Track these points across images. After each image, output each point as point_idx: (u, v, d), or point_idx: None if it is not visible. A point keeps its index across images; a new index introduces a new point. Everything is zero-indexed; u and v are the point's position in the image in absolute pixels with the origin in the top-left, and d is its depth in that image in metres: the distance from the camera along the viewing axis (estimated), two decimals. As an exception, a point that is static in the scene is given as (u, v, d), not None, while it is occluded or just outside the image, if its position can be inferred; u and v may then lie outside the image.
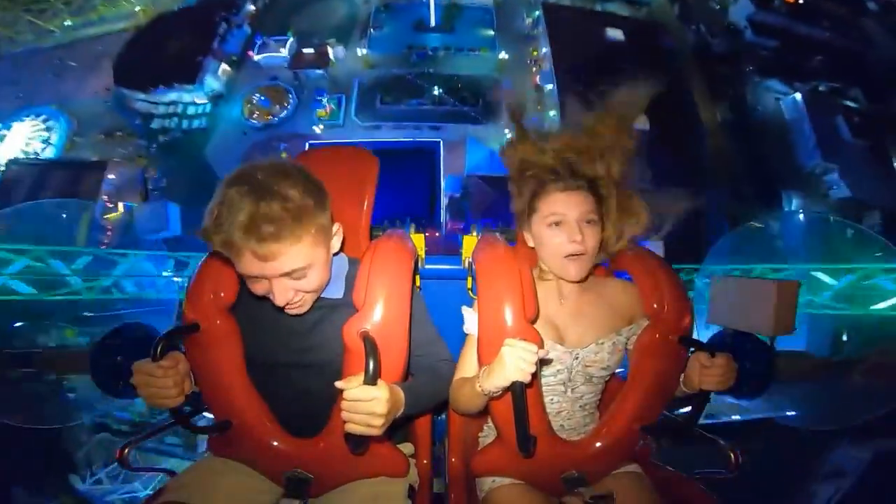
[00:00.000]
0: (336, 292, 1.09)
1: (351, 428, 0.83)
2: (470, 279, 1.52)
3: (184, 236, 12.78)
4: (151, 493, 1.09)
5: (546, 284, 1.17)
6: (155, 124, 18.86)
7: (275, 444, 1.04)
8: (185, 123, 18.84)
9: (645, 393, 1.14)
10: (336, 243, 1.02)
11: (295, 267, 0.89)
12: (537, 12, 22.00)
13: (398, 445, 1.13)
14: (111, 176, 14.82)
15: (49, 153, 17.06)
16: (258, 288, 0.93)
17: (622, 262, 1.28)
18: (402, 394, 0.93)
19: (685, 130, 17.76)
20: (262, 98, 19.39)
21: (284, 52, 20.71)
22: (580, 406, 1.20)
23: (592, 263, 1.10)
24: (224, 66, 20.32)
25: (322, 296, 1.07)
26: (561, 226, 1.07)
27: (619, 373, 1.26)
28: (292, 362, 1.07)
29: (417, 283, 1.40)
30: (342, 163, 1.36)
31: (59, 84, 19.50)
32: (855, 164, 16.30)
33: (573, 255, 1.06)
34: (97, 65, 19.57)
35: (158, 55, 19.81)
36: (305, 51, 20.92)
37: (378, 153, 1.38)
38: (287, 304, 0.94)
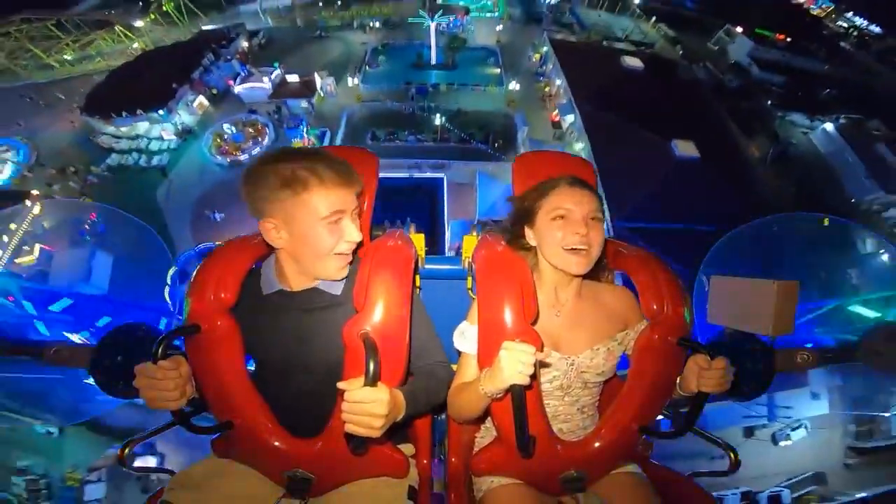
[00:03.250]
0: (335, 288, 1.09)
1: (351, 429, 0.84)
2: (470, 279, 1.52)
3: (110, 297, 9.66)
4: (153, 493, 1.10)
5: (542, 291, 1.16)
6: (112, 160, 16.69)
7: (276, 444, 1.05)
8: (144, 160, 16.68)
9: (644, 393, 1.14)
10: None
11: (355, 202, 1.01)
12: (545, 48, 21.29)
13: (398, 446, 1.14)
14: (35, 213, 11.40)
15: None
16: (332, 230, 0.99)
17: (622, 263, 1.28)
18: (402, 397, 0.94)
19: (736, 164, 16.96)
20: (235, 132, 17.49)
21: (267, 82, 18.84)
22: (578, 409, 1.21)
23: (593, 262, 1.09)
24: (201, 100, 18.64)
25: (321, 289, 1.08)
26: (566, 219, 1.07)
27: (618, 373, 1.26)
28: (292, 363, 1.08)
29: (417, 284, 1.40)
30: None
31: (35, 118, 18.55)
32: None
33: (575, 248, 1.06)
34: (78, 101, 18.56)
35: (133, 86, 18.15)
36: (290, 78, 19.17)
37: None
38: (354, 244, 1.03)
